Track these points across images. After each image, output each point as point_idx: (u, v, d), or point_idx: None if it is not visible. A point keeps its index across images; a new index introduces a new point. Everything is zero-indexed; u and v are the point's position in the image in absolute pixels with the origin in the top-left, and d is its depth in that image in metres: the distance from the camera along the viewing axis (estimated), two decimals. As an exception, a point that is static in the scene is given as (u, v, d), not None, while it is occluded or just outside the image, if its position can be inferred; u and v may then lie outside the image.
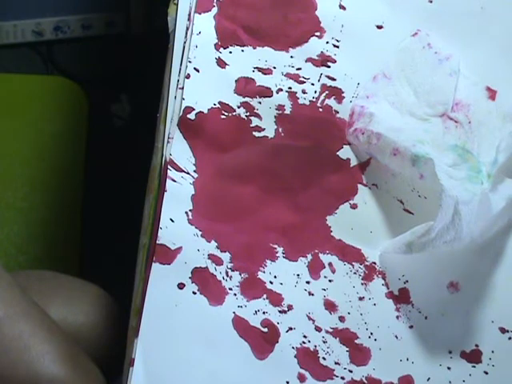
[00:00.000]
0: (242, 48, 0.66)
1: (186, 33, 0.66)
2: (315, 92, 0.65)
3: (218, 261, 0.58)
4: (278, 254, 0.59)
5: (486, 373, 0.57)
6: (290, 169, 0.62)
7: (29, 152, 1.14)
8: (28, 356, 0.60)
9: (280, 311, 0.57)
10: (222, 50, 0.65)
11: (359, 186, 0.63)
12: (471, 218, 0.56)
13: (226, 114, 0.63)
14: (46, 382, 0.60)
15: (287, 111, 0.64)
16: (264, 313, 0.57)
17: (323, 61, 0.67)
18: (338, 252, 0.60)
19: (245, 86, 0.64)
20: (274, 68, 0.66)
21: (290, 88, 0.65)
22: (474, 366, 0.57)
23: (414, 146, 0.60)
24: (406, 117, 0.65)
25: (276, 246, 0.59)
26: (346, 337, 0.57)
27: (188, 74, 0.64)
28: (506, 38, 0.71)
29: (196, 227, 0.59)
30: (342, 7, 0.69)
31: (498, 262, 0.61)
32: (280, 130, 0.63)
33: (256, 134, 0.63)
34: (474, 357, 0.57)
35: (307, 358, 0.56)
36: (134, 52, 1.37)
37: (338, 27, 0.69)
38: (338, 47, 0.68)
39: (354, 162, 0.63)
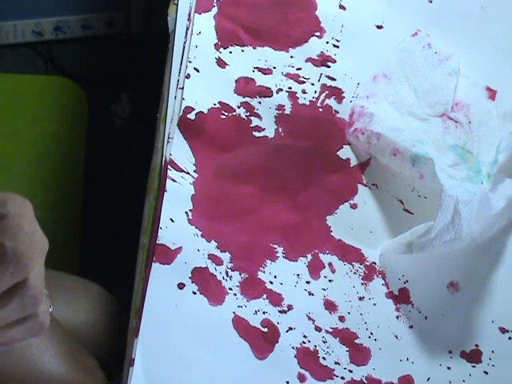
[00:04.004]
0: (242, 48, 0.66)
1: (186, 33, 0.66)
2: (315, 92, 0.65)
3: (218, 261, 0.58)
4: (278, 254, 0.59)
5: (486, 373, 0.57)
6: (290, 169, 0.62)
7: (29, 152, 1.14)
8: (29, 352, 0.60)
9: (280, 311, 0.57)
10: (222, 49, 0.66)
11: (359, 185, 0.63)
12: (471, 217, 0.56)
13: (225, 114, 0.63)
14: (47, 378, 0.60)
15: (287, 111, 0.64)
16: (264, 313, 0.57)
17: (323, 61, 0.67)
18: (338, 252, 0.60)
19: (245, 86, 0.64)
20: (274, 68, 0.66)
21: (290, 88, 0.65)
22: (474, 366, 0.57)
23: (414, 146, 0.60)
24: (406, 117, 0.65)
25: (276, 246, 0.59)
26: (345, 337, 0.57)
27: (188, 74, 0.64)
28: (506, 38, 0.71)
29: (196, 227, 0.59)
30: (341, 7, 0.69)
31: (497, 261, 0.61)
32: (280, 130, 0.63)
33: (256, 133, 0.63)
34: (474, 357, 0.57)
35: (307, 357, 0.56)
36: (133, 52, 1.37)
37: (338, 27, 0.69)
38: (338, 47, 0.68)
39: (354, 162, 0.63)
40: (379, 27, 0.69)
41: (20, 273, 0.36)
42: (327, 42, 0.68)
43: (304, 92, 0.65)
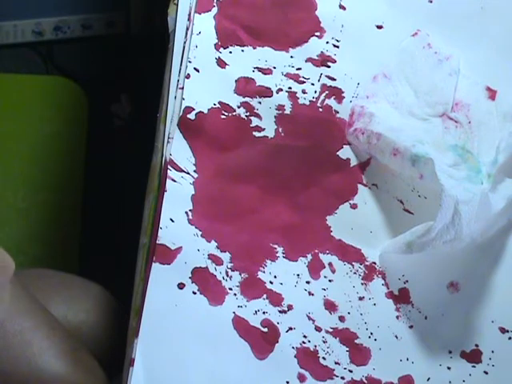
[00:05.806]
0: (242, 48, 0.66)
1: (186, 33, 0.66)
2: (315, 92, 0.65)
3: (217, 261, 0.58)
4: (278, 254, 0.59)
5: (486, 373, 0.57)
6: (290, 169, 0.62)
7: (29, 152, 1.14)
8: (30, 352, 0.60)
9: (280, 311, 0.57)
10: (222, 49, 0.65)
11: (359, 185, 0.63)
12: (471, 217, 0.56)
13: (225, 113, 0.63)
14: (48, 377, 0.60)
15: (287, 111, 0.64)
16: (264, 313, 0.57)
17: (323, 61, 0.67)
18: (338, 252, 0.60)
19: (245, 86, 0.64)
20: (274, 68, 0.66)
21: (290, 88, 0.65)
22: (474, 366, 0.57)
23: (414, 146, 0.60)
24: (406, 117, 0.65)
25: (276, 246, 0.59)
26: (345, 337, 0.57)
27: (188, 74, 0.64)
28: (506, 38, 0.71)
29: (196, 227, 0.59)
30: (342, 7, 0.69)
31: (497, 262, 0.61)
32: (280, 130, 0.63)
33: (256, 133, 0.63)
34: (474, 357, 0.57)
35: (307, 357, 0.56)
36: (134, 52, 1.37)
37: (338, 27, 0.69)
38: (338, 47, 0.68)
39: (354, 162, 0.63)
40: (379, 27, 0.69)
41: None
42: (327, 42, 0.68)
43: (304, 92, 0.65)
